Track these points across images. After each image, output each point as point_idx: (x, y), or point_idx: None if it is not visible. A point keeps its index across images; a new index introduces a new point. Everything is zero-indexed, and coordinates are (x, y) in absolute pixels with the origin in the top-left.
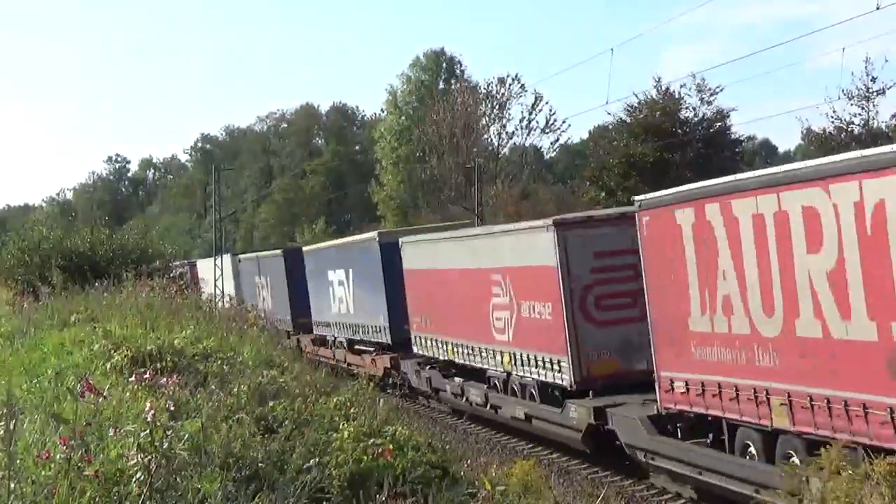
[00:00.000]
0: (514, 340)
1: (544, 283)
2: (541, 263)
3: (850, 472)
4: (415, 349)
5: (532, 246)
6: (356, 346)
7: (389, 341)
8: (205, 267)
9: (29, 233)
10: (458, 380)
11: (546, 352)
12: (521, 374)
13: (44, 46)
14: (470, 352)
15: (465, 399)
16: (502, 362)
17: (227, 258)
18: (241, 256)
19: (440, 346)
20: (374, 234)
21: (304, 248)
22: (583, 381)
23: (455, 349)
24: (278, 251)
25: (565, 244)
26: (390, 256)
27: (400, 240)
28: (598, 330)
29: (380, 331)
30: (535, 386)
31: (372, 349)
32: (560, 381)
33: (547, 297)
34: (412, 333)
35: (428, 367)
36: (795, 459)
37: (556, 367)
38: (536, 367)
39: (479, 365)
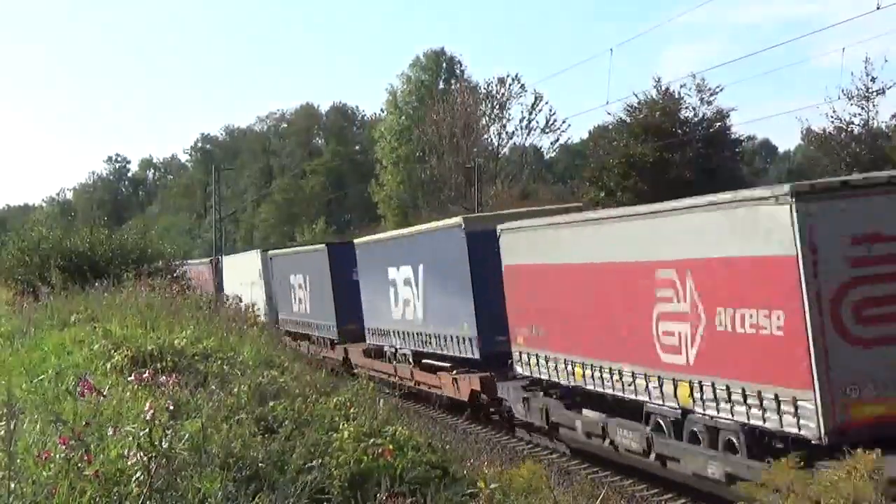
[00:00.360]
0: (697, 364)
1: (767, 283)
2: (761, 253)
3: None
4: (517, 369)
5: (744, 227)
6: (425, 361)
7: (477, 356)
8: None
9: (29, 233)
10: (594, 415)
11: (764, 383)
12: (709, 412)
13: (44, 46)
14: (614, 377)
15: (606, 441)
16: (675, 394)
17: (252, 255)
18: (274, 252)
19: (561, 366)
20: (457, 219)
21: (357, 241)
22: (838, 430)
23: (587, 372)
24: (321, 245)
25: (812, 224)
26: (480, 248)
27: (498, 227)
28: (861, 352)
29: (463, 342)
30: (741, 432)
31: (448, 365)
32: (795, 429)
33: (772, 303)
34: (514, 348)
35: (541, 393)
36: None
37: (785, 406)
38: (743, 405)
39: (630, 396)
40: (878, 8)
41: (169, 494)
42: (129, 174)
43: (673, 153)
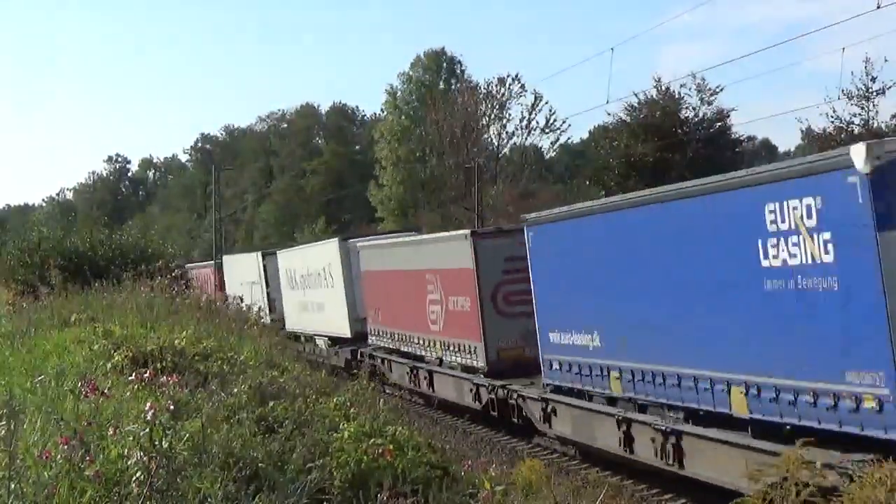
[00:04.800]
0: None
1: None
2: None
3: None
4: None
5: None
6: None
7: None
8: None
9: (29, 233)
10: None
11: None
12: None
13: (44, 46)
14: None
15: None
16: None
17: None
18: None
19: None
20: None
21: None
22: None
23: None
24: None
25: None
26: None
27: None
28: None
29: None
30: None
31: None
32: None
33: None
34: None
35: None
36: None
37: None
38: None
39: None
40: (878, 7)
41: (169, 494)
42: (130, 174)
43: (673, 153)
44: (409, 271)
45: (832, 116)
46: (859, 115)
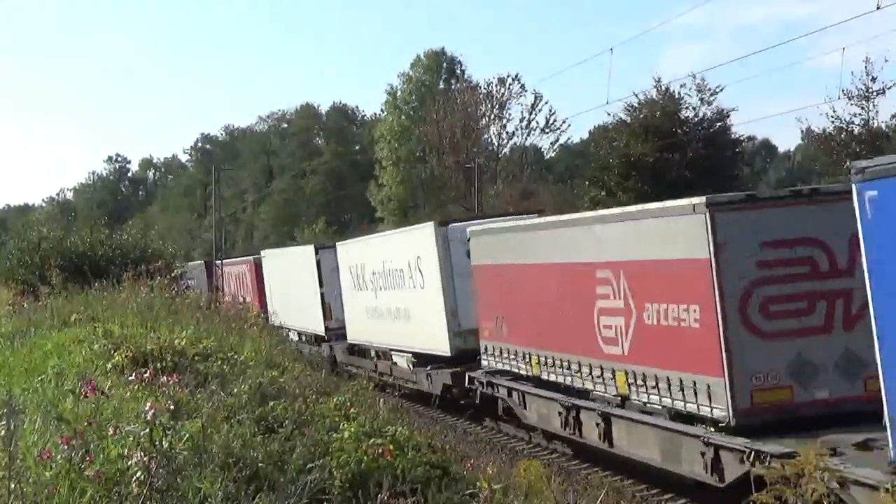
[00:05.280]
0: None
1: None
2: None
3: None
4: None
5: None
6: None
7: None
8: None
9: (29, 233)
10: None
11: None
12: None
13: (44, 46)
14: None
15: None
16: None
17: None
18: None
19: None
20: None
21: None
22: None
23: None
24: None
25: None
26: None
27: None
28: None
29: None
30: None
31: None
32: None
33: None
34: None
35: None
36: None
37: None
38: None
39: None
40: (878, 8)
41: (169, 494)
42: (130, 174)
43: (673, 153)
44: (562, 265)
45: (832, 116)
46: (859, 115)
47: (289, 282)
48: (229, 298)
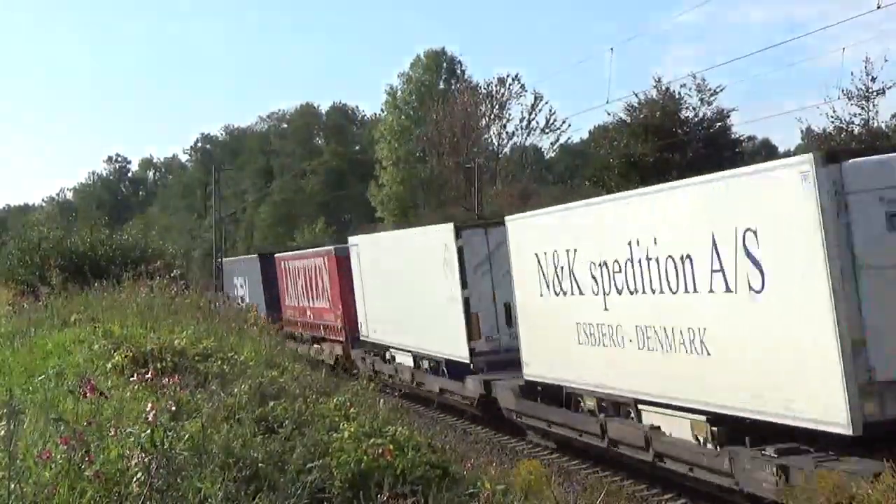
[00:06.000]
0: None
1: None
2: None
3: None
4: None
5: None
6: None
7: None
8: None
9: (29, 233)
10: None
11: None
12: None
13: (44, 46)
14: None
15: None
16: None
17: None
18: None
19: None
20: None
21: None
22: None
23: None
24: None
25: None
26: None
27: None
28: None
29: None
30: None
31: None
32: None
33: None
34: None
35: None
36: None
37: None
38: None
39: None
40: (878, 7)
41: (169, 495)
42: (129, 174)
43: (673, 153)
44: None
45: (832, 116)
46: (859, 115)
47: (400, 282)
48: (292, 313)
